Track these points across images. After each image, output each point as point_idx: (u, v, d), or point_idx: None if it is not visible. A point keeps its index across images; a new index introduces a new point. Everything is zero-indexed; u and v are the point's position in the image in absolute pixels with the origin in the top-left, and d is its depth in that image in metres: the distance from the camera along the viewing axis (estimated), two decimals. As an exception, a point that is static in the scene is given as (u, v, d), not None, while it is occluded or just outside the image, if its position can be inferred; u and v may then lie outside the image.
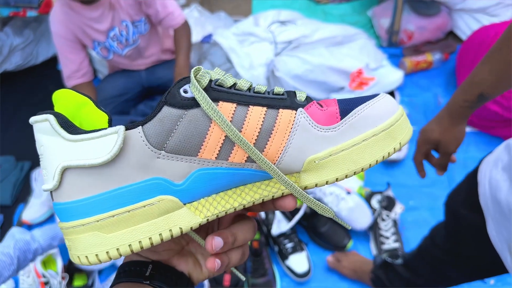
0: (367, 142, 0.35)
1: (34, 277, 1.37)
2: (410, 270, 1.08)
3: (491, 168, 0.72)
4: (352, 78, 1.72)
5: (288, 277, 1.40)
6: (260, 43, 1.84)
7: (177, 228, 0.33)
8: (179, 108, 0.31)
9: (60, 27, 1.57)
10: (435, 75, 2.00)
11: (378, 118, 0.36)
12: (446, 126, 0.81)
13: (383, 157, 0.36)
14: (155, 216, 0.32)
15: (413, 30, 2.09)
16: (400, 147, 0.38)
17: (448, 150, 0.83)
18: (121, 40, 1.63)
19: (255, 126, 0.33)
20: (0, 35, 2.22)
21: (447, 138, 0.82)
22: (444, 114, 0.81)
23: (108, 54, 1.69)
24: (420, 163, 0.90)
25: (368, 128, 0.36)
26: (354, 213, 1.42)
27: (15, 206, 1.73)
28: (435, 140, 0.84)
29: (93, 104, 0.34)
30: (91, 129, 0.32)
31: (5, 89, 2.31)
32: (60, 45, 1.61)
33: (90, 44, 1.64)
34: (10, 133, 2.09)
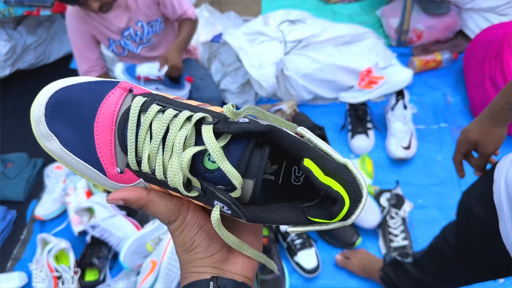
0: None
1: (47, 272, 1.40)
2: (419, 269, 1.09)
3: (508, 166, 0.72)
4: (362, 77, 1.72)
5: (297, 273, 1.41)
6: (269, 42, 1.85)
7: None
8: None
9: (76, 25, 1.61)
10: (444, 74, 2.00)
11: None
12: (486, 127, 0.82)
13: None
14: None
15: (422, 29, 2.09)
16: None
17: (487, 152, 0.84)
18: (135, 39, 1.66)
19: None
20: (14, 34, 2.26)
21: (486, 140, 0.83)
22: (485, 115, 0.83)
23: (123, 51, 1.72)
24: (459, 162, 0.91)
25: None
26: (363, 211, 1.43)
27: (28, 202, 1.76)
28: (474, 141, 0.85)
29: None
30: None
31: (18, 87, 2.35)
32: (77, 43, 1.65)
33: (106, 42, 1.67)
34: (23, 130, 2.12)
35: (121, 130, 0.35)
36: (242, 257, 0.40)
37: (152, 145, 0.34)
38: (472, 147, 0.87)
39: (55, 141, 0.36)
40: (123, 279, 1.37)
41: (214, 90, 1.82)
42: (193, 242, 0.38)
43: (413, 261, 1.11)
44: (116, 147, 0.36)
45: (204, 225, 0.38)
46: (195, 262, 0.38)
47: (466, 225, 0.89)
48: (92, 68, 1.69)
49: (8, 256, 1.59)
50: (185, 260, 0.38)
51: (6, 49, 2.20)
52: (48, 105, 0.36)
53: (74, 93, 0.37)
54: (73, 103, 0.36)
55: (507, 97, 0.76)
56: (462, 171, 0.93)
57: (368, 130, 1.73)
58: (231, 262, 0.39)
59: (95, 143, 0.36)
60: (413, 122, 1.74)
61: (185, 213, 0.38)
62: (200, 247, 0.38)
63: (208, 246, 0.38)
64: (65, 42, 2.46)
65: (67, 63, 2.45)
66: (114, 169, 0.36)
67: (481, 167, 0.89)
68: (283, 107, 1.87)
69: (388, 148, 1.66)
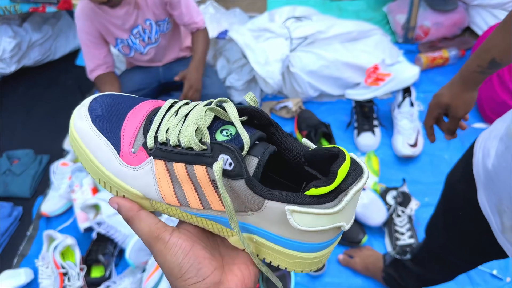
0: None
1: (53, 268, 1.40)
2: (418, 264, 1.08)
3: (486, 139, 0.73)
4: (368, 74, 1.71)
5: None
6: (275, 39, 1.84)
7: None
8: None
9: (85, 23, 1.61)
10: (451, 71, 1.98)
11: None
12: (457, 91, 0.83)
13: None
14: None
15: (429, 26, 2.08)
16: None
17: (457, 115, 0.85)
18: (144, 37, 1.66)
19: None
20: (19, 30, 2.26)
21: (457, 103, 0.84)
22: (456, 79, 0.83)
23: (130, 51, 1.72)
24: (430, 127, 0.92)
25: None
26: (369, 209, 1.42)
27: (34, 199, 1.76)
28: (445, 104, 0.86)
29: None
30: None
31: (24, 84, 2.36)
32: (84, 40, 1.65)
33: (113, 41, 1.67)
34: (29, 127, 2.13)
35: (149, 119, 0.39)
36: (236, 280, 0.37)
37: (175, 119, 0.37)
38: (444, 111, 0.88)
39: (88, 119, 0.40)
40: (128, 276, 1.38)
41: (219, 87, 1.81)
42: (180, 268, 0.35)
43: (412, 258, 1.11)
44: (139, 132, 0.39)
45: (191, 250, 0.36)
46: None
47: (451, 204, 0.89)
48: (98, 67, 1.69)
49: (14, 253, 1.60)
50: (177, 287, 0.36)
51: (12, 45, 2.20)
52: (97, 98, 0.41)
53: (120, 97, 0.42)
54: (117, 100, 0.41)
55: (479, 59, 0.76)
56: (433, 135, 0.93)
57: (374, 127, 1.72)
58: (224, 286, 0.36)
59: (123, 125, 0.39)
60: (420, 119, 1.73)
61: (167, 237, 0.36)
62: (190, 273, 0.35)
63: (198, 270, 0.35)
64: (70, 39, 2.46)
65: (73, 60, 2.46)
66: (129, 148, 0.38)
67: (451, 131, 0.89)
68: (289, 104, 1.87)
69: (395, 146, 1.65)
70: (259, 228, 0.36)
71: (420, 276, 1.08)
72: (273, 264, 0.37)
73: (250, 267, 0.38)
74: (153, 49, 1.73)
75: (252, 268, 0.39)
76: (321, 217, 0.32)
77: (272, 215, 0.34)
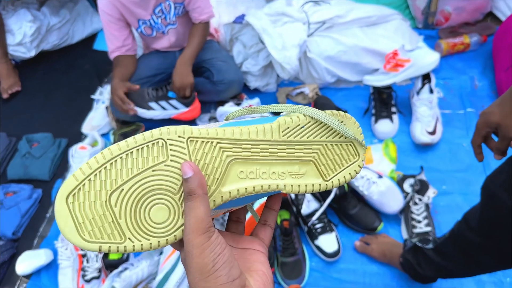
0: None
1: (72, 250, 1.43)
2: (441, 255, 1.07)
3: None
4: (387, 60, 1.68)
5: (317, 257, 1.41)
6: (293, 23, 1.82)
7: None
8: None
9: (107, 4, 1.61)
10: (472, 58, 1.94)
11: None
12: (509, 109, 0.79)
13: None
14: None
15: (450, 11, 2.03)
16: None
17: (508, 134, 0.80)
18: (166, 16, 1.66)
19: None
20: (38, 14, 2.28)
21: (507, 122, 0.79)
22: (508, 96, 0.79)
23: (152, 32, 1.73)
24: (478, 146, 0.88)
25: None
26: (385, 197, 1.41)
27: (53, 182, 1.79)
28: (495, 123, 0.81)
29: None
30: None
31: (42, 68, 2.38)
32: (106, 21, 1.66)
33: (135, 23, 1.68)
34: (47, 111, 2.16)
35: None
36: (259, 285, 0.37)
37: None
38: (493, 129, 0.83)
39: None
40: (146, 258, 1.40)
41: (235, 73, 1.81)
42: (214, 264, 0.34)
43: (434, 247, 1.10)
44: None
45: (226, 249, 0.36)
46: None
47: (490, 210, 0.88)
48: (117, 49, 1.70)
49: (34, 234, 1.64)
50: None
51: (32, 30, 2.23)
52: None
53: None
54: None
55: None
56: (481, 154, 0.89)
57: (392, 114, 1.70)
58: None
59: None
60: (439, 106, 1.70)
61: (212, 232, 0.35)
62: (222, 270, 0.34)
63: (230, 269, 0.35)
64: (88, 23, 2.47)
65: (91, 44, 2.47)
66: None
67: (502, 151, 0.84)
68: (305, 90, 1.85)
69: (413, 133, 1.63)
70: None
71: (440, 267, 1.07)
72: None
73: (267, 273, 0.39)
74: (172, 31, 1.73)
75: (268, 273, 0.39)
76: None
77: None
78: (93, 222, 0.36)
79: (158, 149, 0.37)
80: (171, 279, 1.29)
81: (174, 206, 0.38)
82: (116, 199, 0.36)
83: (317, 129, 0.42)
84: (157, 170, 0.37)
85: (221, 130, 0.38)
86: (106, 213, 0.36)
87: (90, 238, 0.36)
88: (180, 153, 0.37)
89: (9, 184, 1.77)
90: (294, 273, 1.35)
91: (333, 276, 1.37)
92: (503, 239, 0.84)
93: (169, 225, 0.37)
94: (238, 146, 0.39)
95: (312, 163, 0.42)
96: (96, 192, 0.35)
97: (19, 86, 2.28)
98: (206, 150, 0.38)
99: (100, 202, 0.36)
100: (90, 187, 0.35)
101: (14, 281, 1.50)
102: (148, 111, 1.68)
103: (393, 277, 1.34)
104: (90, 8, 2.50)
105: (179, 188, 0.37)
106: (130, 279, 1.32)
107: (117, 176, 0.36)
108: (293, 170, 0.41)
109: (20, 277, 1.51)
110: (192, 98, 1.70)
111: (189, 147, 0.37)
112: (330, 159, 0.43)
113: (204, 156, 0.38)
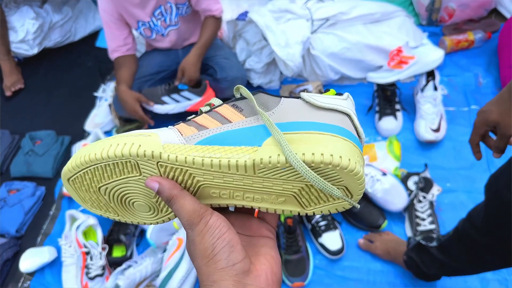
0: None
1: (76, 247, 1.43)
2: (445, 252, 1.07)
3: None
4: (391, 57, 1.68)
5: (321, 255, 1.41)
6: (296, 20, 1.81)
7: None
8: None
9: (107, 4, 1.61)
10: (476, 55, 1.93)
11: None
12: (507, 107, 0.78)
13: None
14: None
15: (454, 7, 2.02)
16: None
17: (507, 133, 0.80)
18: (166, 18, 1.65)
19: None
20: (40, 12, 2.27)
21: (506, 120, 0.79)
22: (505, 95, 0.78)
23: (151, 34, 1.72)
24: (476, 144, 0.88)
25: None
26: (389, 195, 1.41)
27: (56, 179, 1.79)
28: (494, 121, 0.81)
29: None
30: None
31: (45, 66, 2.38)
32: (106, 21, 1.65)
33: (134, 24, 1.67)
34: (50, 108, 2.16)
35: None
36: (265, 269, 0.37)
37: None
38: (491, 128, 0.83)
39: None
40: (149, 256, 1.40)
41: (239, 70, 1.80)
42: (214, 249, 0.35)
43: (438, 245, 1.09)
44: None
45: (227, 232, 0.36)
46: (215, 275, 0.34)
47: (494, 209, 0.87)
48: (119, 48, 1.70)
49: (38, 231, 1.64)
50: (205, 273, 0.35)
51: (35, 27, 2.22)
52: None
53: None
54: None
55: None
56: (479, 153, 0.89)
57: (396, 111, 1.69)
58: (253, 275, 0.35)
59: None
60: (443, 104, 1.69)
61: (208, 217, 0.36)
62: (222, 254, 0.35)
63: (229, 254, 0.35)
64: (90, 20, 2.47)
65: (93, 42, 2.47)
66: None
67: (500, 149, 0.84)
68: (309, 88, 1.85)
69: (417, 130, 1.63)
70: (280, 122, 0.37)
71: (444, 265, 1.07)
72: (307, 154, 0.34)
73: (275, 256, 0.39)
74: (174, 31, 1.73)
75: (277, 257, 0.39)
76: (333, 99, 0.38)
77: (290, 107, 0.38)
78: (91, 201, 0.42)
79: (131, 166, 0.38)
80: (174, 277, 1.29)
81: (153, 205, 0.41)
82: (104, 191, 0.40)
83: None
84: (133, 181, 0.39)
85: (190, 159, 0.36)
86: (99, 198, 0.41)
87: (94, 208, 0.42)
88: (151, 172, 0.38)
89: (12, 182, 1.77)
90: (297, 270, 1.35)
91: (337, 273, 1.37)
92: (507, 237, 0.84)
93: (153, 215, 0.42)
94: (209, 174, 0.37)
95: (292, 196, 0.39)
96: (87, 183, 0.40)
97: (22, 84, 2.28)
98: (177, 174, 0.38)
99: (93, 191, 0.40)
100: (82, 178, 0.40)
101: (18, 278, 1.51)
102: (163, 106, 1.68)
103: (397, 275, 1.33)
104: (93, 5, 2.50)
105: (154, 194, 0.40)
106: (134, 276, 1.32)
107: (101, 178, 0.39)
108: (269, 198, 0.39)
109: (24, 275, 1.51)
110: (203, 87, 1.70)
111: (160, 169, 0.38)
112: (314, 196, 0.38)
113: (175, 178, 0.38)
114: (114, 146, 0.37)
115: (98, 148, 0.37)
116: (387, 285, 1.33)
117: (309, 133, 0.36)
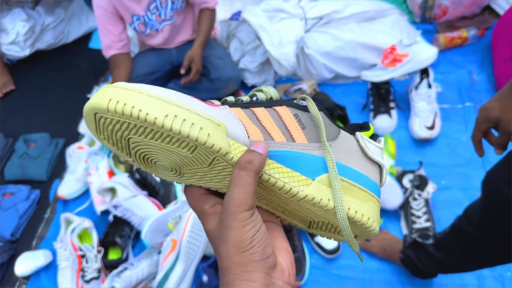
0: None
1: (71, 250, 1.42)
2: (441, 250, 1.07)
3: None
4: (385, 55, 1.68)
5: (317, 254, 1.41)
6: (290, 19, 1.81)
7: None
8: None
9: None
10: (470, 52, 1.93)
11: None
12: (509, 103, 0.78)
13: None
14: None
15: (447, 4, 2.02)
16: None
17: (509, 129, 0.80)
18: (160, 12, 1.65)
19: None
20: (33, 14, 2.26)
21: (508, 116, 0.79)
22: (507, 91, 0.78)
23: (146, 29, 1.71)
24: (478, 141, 0.87)
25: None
26: (385, 193, 1.41)
27: (50, 182, 1.78)
28: (495, 118, 0.81)
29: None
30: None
31: (38, 68, 2.37)
32: (100, 16, 1.65)
33: (129, 19, 1.66)
34: (44, 111, 2.15)
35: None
36: (287, 263, 0.37)
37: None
38: (492, 124, 0.83)
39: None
40: (145, 258, 1.39)
41: (233, 70, 1.80)
42: (252, 241, 0.34)
43: (435, 243, 1.09)
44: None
45: (262, 227, 0.36)
46: (248, 266, 0.34)
47: (491, 205, 0.87)
48: (113, 44, 1.69)
49: (33, 235, 1.63)
50: (236, 262, 0.34)
51: (26, 29, 2.21)
52: None
53: None
54: None
55: None
56: (482, 149, 0.89)
57: (390, 109, 1.69)
58: (279, 270, 0.36)
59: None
60: (437, 101, 1.69)
61: (254, 209, 0.36)
62: (259, 247, 0.34)
63: (265, 247, 0.35)
64: (83, 22, 2.46)
65: (86, 43, 2.46)
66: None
67: (502, 146, 0.84)
68: (303, 87, 1.84)
69: (412, 128, 1.63)
70: (337, 163, 0.39)
71: (441, 262, 1.07)
72: (352, 210, 0.38)
73: (289, 250, 0.40)
74: (168, 26, 1.72)
75: (290, 250, 0.40)
76: (377, 149, 0.41)
77: (346, 145, 0.39)
78: (109, 137, 0.36)
79: (187, 145, 0.34)
80: (171, 278, 1.29)
81: (178, 169, 0.38)
82: (132, 145, 0.36)
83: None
84: (175, 153, 0.35)
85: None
86: (122, 143, 0.36)
87: (108, 143, 0.37)
88: (204, 158, 0.36)
89: (7, 185, 1.76)
90: (294, 270, 1.35)
91: (333, 272, 1.37)
92: (504, 233, 0.84)
93: (174, 174, 0.40)
94: (259, 185, 0.38)
95: (309, 220, 0.43)
96: (118, 129, 0.34)
97: (12, 85, 2.27)
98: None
99: (119, 136, 0.35)
100: (116, 123, 0.34)
101: (14, 282, 1.50)
102: None
103: (393, 273, 1.34)
104: (85, 7, 2.48)
105: (192, 162, 0.37)
106: (130, 279, 1.32)
107: (140, 135, 0.34)
108: (289, 213, 0.42)
109: (19, 278, 1.50)
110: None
111: (214, 160, 0.36)
112: (327, 227, 0.43)
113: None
114: (179, 121, 0.32)
115: (159, 111, 0.32)
116: (384, 283, 1.33)
117: (357, 187, 0.39)
